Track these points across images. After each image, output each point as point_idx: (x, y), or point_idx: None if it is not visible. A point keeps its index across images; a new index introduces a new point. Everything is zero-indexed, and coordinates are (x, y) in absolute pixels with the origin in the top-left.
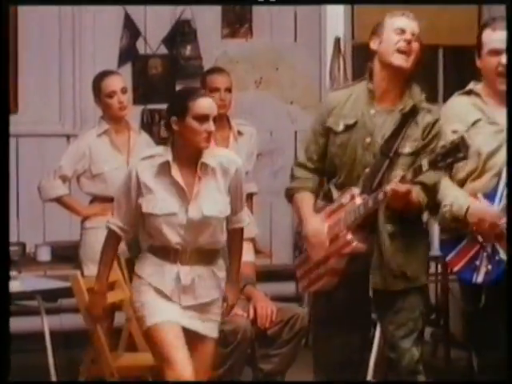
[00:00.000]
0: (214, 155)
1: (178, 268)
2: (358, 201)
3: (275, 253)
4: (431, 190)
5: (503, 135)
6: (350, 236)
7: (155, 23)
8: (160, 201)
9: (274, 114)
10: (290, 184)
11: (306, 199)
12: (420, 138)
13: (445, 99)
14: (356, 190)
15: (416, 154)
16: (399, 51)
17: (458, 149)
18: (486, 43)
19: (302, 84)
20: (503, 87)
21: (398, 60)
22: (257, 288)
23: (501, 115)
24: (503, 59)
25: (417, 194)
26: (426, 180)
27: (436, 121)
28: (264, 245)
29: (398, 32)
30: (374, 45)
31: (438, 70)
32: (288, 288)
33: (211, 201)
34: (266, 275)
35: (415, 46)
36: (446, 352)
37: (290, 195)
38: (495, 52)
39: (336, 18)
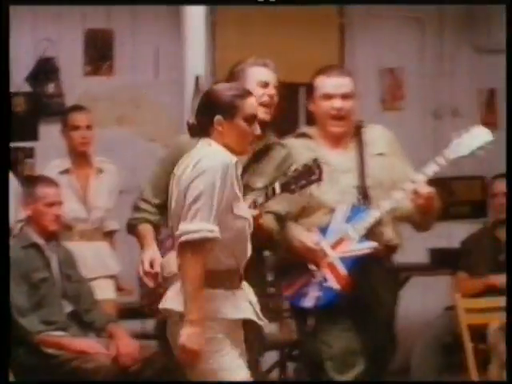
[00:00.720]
0: None
1: (239, 293)
2: None
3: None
4: (283, 220)
5: (335, 175)
6: None
7: (18, 60)
8: (243, 204)
9: (136, 152)
10: (132, 215)
11: (148, 230)
12: (274, 172)
13: None
14: None
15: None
16: (262, 105)
17: (312, 171)
18: (319, 87)
19: (163, 122)
20: (335, 129)
21: (261, 114)
22: (120, 325)
23: (333, 156)
24: (335, 103)
25: (268, 221)
26: (279, 209)
27: (289, 153)
28: (127, 282)
29: (261, 85)
30: None
31: (298, 107)
32: (151, 325)
33: None
34: (130, 312)
35: (276, 97)
36: None
37: (132, 225)
38: (328, 96)
39: (197, 56)
